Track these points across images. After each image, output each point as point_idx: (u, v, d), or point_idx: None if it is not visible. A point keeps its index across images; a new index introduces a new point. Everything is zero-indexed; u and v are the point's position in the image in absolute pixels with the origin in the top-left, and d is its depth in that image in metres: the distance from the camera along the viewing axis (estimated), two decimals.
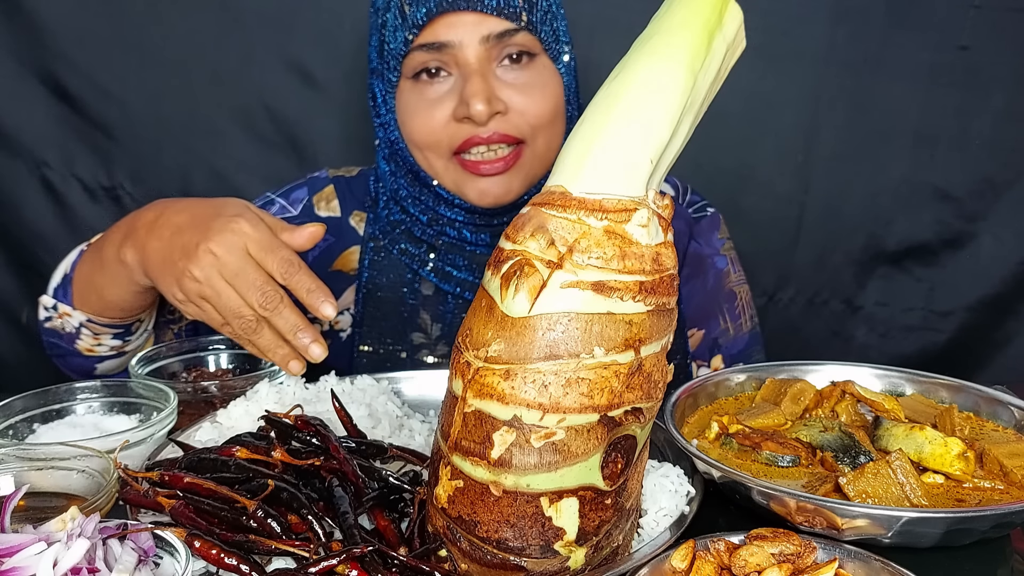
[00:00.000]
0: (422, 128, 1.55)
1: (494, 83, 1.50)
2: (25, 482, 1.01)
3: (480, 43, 1.47)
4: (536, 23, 1.50)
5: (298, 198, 1.74)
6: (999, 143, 2.23)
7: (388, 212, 1.69)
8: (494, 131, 1.50)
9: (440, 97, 1.52)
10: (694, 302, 1.72)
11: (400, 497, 0.99)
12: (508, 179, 1.56)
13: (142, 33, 2.29)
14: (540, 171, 1.59)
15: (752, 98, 2.19)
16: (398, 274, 1.68)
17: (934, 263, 2.35)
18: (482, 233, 1.63)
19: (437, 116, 1.52)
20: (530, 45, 1.51)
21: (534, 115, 1.53)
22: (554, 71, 1.56)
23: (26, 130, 2.35)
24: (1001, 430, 1.14)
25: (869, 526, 0.91)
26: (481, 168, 1.54)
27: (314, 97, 2.32)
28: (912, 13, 2.17)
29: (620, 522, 0.91)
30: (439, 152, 1.56)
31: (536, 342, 0.83)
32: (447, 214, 1.62)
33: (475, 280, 1.63)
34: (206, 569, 0.86)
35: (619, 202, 0.85)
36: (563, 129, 1.60)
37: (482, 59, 1.48)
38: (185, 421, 1.24)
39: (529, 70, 1.53)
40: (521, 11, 1.48)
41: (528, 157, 1.56)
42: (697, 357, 1.74)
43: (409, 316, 1.68)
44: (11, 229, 2.42)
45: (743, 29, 0.91)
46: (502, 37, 1.48)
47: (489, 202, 1.57)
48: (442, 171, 1.58)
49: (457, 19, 1.47)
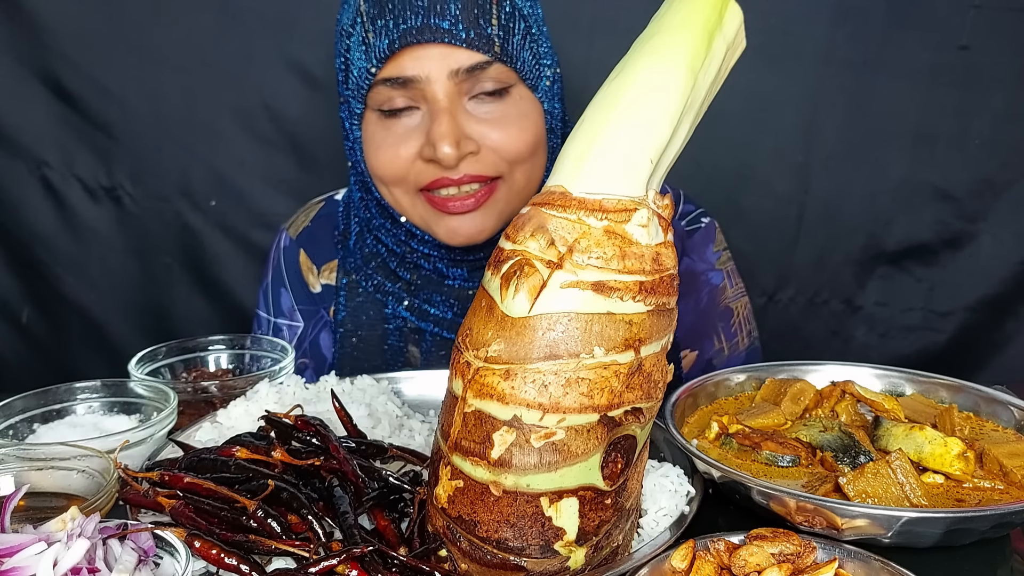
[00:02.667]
0: (387, 165, 1.44)
1: (464, 120, 1.39)
2: (25, 482, 1.01)
3: (448, 78, 1.36)
4: (512, 51, 1.39)
5: (288, 306, 1.68)
6: (999, 143, 2.23)
7: (361, 244, 1.61)
8: (464, 173, 1.40)
9: (407, 133, 1.41)
10: (686, 322, 1.60)
11: (400, 497, 0.99)
12: (481, 217, 1.45)
13: (142, 33, 2.30)
14: (518, 206, 1.43)
15: (752, 98, 2.19)
16: (377, 311, 1.60)
17: (934, 263, 2.35)
18: (458, 268, 1.56)
19: (403, 154, 1.42)
20: (504, 77, 1.40)
21: (511, 151, 1.42)
22: (533, 100, 1.44)
23: (26, 130, 2.35)
24: (1001, 430, 1.14)
25: (869, 526, 0.91)
26: (450, 206, 1.43)
27: (314, 97, 2.32)
28: (912, 13, 2.17)
29: (620, 522, 0.91)
30: (405, 188, 1.46)
31: (536, 342, 0.83)
32: (420, 248, 1.54)
33: (454, 318, 1.57)
34: (206, 569, 0.86)
35: (619, 202, 0.85)
36: (544, 161, 1.49)
37: (451, 95, 1.37)
38: (185, 421, 1.24)
39: (504, 102, 1.41)
40: (494, 40, 1.36)
41: (504, 193, 1.45)
42: (689, 379, 1.68)
43: (392, 353, 1.60)
44: (11, 229, 2.42)
45: (743, 29, 0.91)
46: (473, 71, 1.36)
47: (460, 241, 1.47)
48: (409, 208, 1.49)
49: (423, 52, 1.35)
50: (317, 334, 1.69)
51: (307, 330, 1.69)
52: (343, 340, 1.63)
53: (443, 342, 1.59)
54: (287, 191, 2.37)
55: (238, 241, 2.45)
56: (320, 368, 1.68)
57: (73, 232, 2.44)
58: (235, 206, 2.42)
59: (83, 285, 2.48)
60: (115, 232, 2.45)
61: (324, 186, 1.87)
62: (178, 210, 2.43)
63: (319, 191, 1.83)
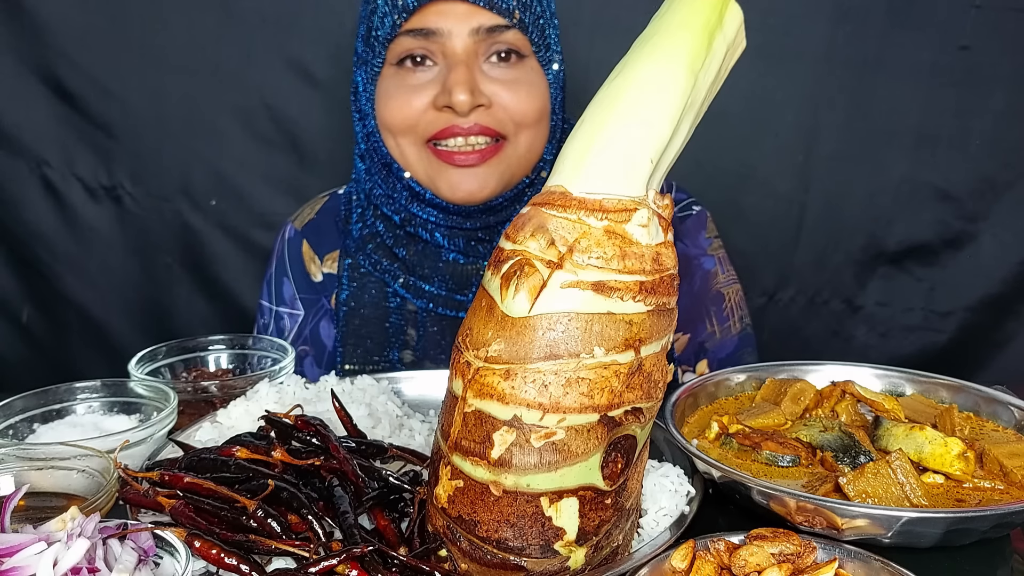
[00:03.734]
0: (398, 112, 1.51)
1: (479, 77, 1.47)
2: (25, 482, 1.01)
3: (469, 35, 1.45)
4: (528, 24, 1.48)
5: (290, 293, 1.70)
6: (999, 143, 2.24)
7: (362, 224, 1.66)
8: (475, 123, 1.47)
9: (422, 84, 1.49)
10: (680, 305, 1.64)
11: (400, 497, 0.99)
12: (484, 173, 1.51)
13: (143, 33, 2.30)
14: (519, 172, 1.55)
15: (752, 98, 2.20)
16: (379, 290, 1.65)
17: (934, 263, 2.35)
18: (456, 238, 1.59)
19: (415, 103, 1.49)
20: (520, 45, 1.49)
21: (519, 112, 1.49)
22: (542, 75, 1.53)
23: (27, 129, 2.36)
24: (1001, 430, 1.13)
25: (869, 526, 0.90)
26: (455, 159, 1.49)
27: (314, 96, 2.33)
28: (913, 13, 2.17)
29: (620, 522, 0.91)
30: (413, 139, 1.52)
31: (536, 342, 0.83)
32: (419, 214, 1.58)
33: (448, 294, 1.60)
34: (206, 569, 0.86)
35: (619, 202, 0.85)
36: (547, 134, 1.56)
37: (469, 51, 1.46)
38: (185, 421, 1.24)
39: (517, 68, 1.50)
40: (515, 9, 1.46)
41: (508, 154, 1.52)
42: (682, 362, 1.70)
43: (393, 332, 1.65)
44: (11, 228, 2.43)
45: (743, 29, 0.91)
46: (492, 32, 1.46)
47: (461, 197, 1.53)
48: (414, 160, 1.54)
49: (448, 8, 1.45)
50: (318, 322, 1.71)
51: (308, 318, 1.72)
52: (346, 320, 1.66)
53: (437, 318, 1.62)
54: (287, 191, 2.37)
55: (238, 241, 2.45)
56: (320, 357, 1.70)
57: (73, 231, 2.44)
58: (235, 206, 2.43)
59: (83, 284, 2.49)
60: (115, 231, 2.45)
61: (324, 185, 1.87)
62: (178, 210, 2.43)
63: (319, 190, 1.83)
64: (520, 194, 1.59)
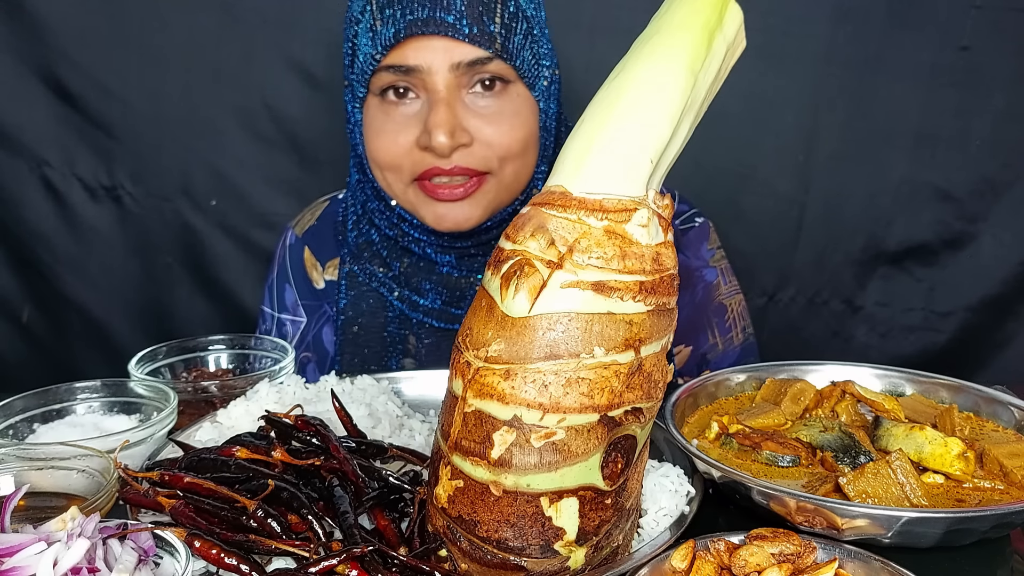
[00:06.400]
0: (385, 152, 1.49)
1: (461, 112, 1.43)
2: (25, 482, 1.01)
3: (449, 70, 1.41)
4: (512, 50, 1.43)
5: (292, 300, 1.71)
6: (999, 143, 2.24)
7: (358, 233, 1.66)
8: (455, 164, 1.44)
9: (406, 120, 1.46)
10: (681, 317, 1.62)
11: (400, 497, 0.99)
12: (468, 206, 1.50)
13: (143, 32, 2.30)
14: (506, 199, 1.54)
15: (752, 98, 2.19)
16: (377, 299, 1.64)
17: (934, 263, 2.35)
18: (446, 255, 1.59)
19: (400, 141, 1.47)
20: (504, 72, 1.45)
21: (502, 146, 1.46)
22: (529, 98, 1.49)
23: (27, 129, 2.36)
24: (1001, 430, 1.14)
25: (869, 526, 0.90)
26: (439, 193, 1.48)
27: (314, 97, 2.33)
28: (913, 13, 2.17)
29: (620, 522, 0.91)
30: (400, 176, 1.51)
31: (536, 342, 0.83)
32: (411, 232, 1.58)
33: (443, 307, 1.60)
34: (206, 569, 0.86)
35: (619, 202, 0.85)
36: (534, 158, 1.54)
37: (451, 86, 1.42)
38: (185, 421, 1.24)
39: (501, 98, 1.46)
40: (496, 37, 1.41)
41: (492, 186, 1.50)
42: (685, 374, 1.68)
43: (392, 341, 1.64)
44: (11, 228, 2.43)
45: (743, 29, 0.91)
46: (473, 65, 1.41)
47: (447, 226, 1.52)
48: (400, 193, 1.54)
49: (427, 43, 1.40)
50: (320, 329, 1.71)
51: (310, 325, 1.72)
52: (344, 328, 1.65)
53: (432, 331, 1.62)
54: (287, 191, 2.37)
55: (239, 241, 2.45)
56: (323, 363, 1.70)
57: (74, 231, 2.44)
58: (236, 206, 2.43)
59: (84, 284, 2.48)
60: (116, 231, 2.45)
61: (324, 186, 1.87)
62: (179, 210, 2.43)
63: (319, 191, 1.83)
64: (511, 215, 1.56)
